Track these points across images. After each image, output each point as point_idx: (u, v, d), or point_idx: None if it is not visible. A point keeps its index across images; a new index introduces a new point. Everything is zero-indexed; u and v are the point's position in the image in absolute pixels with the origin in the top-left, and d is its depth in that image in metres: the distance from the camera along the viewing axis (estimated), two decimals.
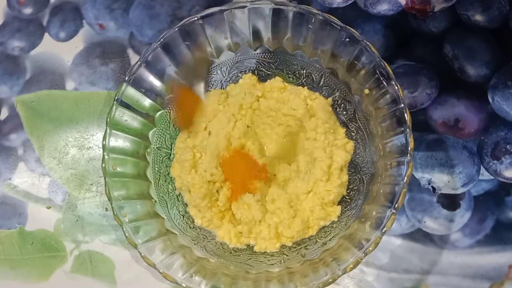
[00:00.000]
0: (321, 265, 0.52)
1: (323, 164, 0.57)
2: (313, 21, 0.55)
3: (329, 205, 0.57)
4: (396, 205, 0.51)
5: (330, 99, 0.59)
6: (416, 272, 0.58)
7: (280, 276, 0.53)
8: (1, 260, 0.61)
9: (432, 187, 0.60)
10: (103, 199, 0.62)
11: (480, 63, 0.61)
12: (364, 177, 0.57)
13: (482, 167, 0.60)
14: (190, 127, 0.57)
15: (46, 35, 0.67)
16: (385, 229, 0.50)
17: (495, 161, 0.59)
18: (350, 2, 0.64)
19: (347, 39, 0.54)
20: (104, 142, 0.55)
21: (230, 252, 0.57)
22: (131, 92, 0.56)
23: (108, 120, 0.55)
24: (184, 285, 0.52)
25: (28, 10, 0.67)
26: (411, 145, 0.52)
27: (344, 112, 0.59)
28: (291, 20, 0.56)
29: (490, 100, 0.60)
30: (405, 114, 0.52)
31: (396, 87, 0.53)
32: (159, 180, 0.58)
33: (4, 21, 0.67)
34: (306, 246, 0.56)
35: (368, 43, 0.54)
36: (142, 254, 0.52)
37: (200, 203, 0.57)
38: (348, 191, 0.57)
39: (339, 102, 0.59)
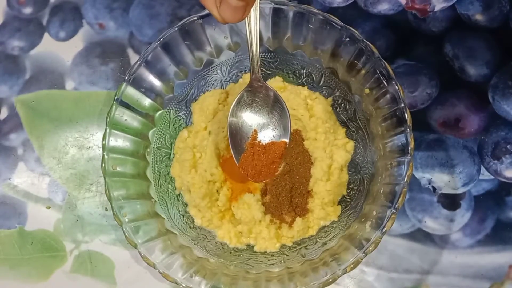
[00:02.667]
0: (321, 265, 0.52)
1: (323, 163, 0.57)
2: (313, 20, 0.55)
3: (329, 205, 0.57)
4: (397, 205, 0.51)
5: (330, 98, 0.59)
6: (417, 272, 0.58)
7: (280, 276, 0.53)
8: (1, 260, 0.61)
9: (433, 187, 0.60)
10: (103, 199, 0.62)
11: (480, 63, 0.61)
12: (364, 177, 0.57)
13: (482, 167, 0.60)
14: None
15: (46, 34, 0.67)
16: (385, 229, 0.50)
17: (496, 161, 0.59)
18: (350, 1, 0.63)
19: (347, 39, 0.54)
20: (103, 142, 0.55)
21: (230, 252, 0.57)
22: (130, 91, 0.56)
23: (107, 119, 0.55)
24: (184, 285, 0.52)
25: (28, 10, 0.67)
26: (411, 145, 0.52)
27: (344, 112, 0.58)
28: (291, 19, 0.56)
29: (490, 99, 0.60)
30: (406, 114, 0.52)
31: (397, 87, 0.53)
32: (159, 180, 0.58)
33: (4, 21, 0.67)
34: (306, 246, 0.56)
35: (368, 42, 0.54)
36: (142, 254, 0.52)
37: (200, 203, 0.57)
38: (348, 191, 0.57)
39: (339, 102, 0.59)
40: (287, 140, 0.54)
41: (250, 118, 0.55)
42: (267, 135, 0.55)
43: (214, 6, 0.40)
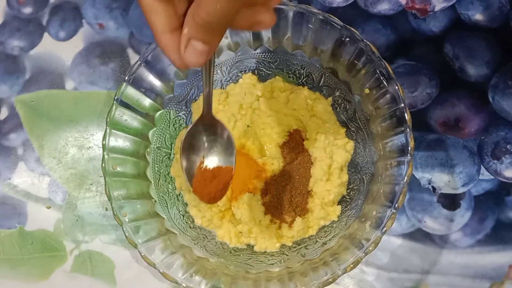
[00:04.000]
0: (321, 265, 0.52)
1: (323, 163, 0.57)
2: (313, 20, 0.55)
3: (329, 204, 0.57)
4: (396, 205, 0.51)
5: (330, 98, 0.59)
6: (417, 272, 0.58)
7: (280, 276, 0.53)
8: (1, 260, 0.61)
9: (432, 186, 0.60)
10: (103, 198, 0.62)
11: (480, 63, 0.61)
12: (364, 177, 0.57)
13: (482, 166, 0.60)
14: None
15: (46, 34, 0.67)
16: (385, 228, 0.50)
17: (495, 161, 0.59)
18: (350, 1, 0.63)
19: (347, 39, 0.54)
20: (104, 142, 0.55)
21: (230, 252, 0.57)
22: (131, 91, 0.56)
23: (108, 119, 0.55)
24: (184, 284, 0.52)
25: (27, 10, 0.67)
26: (411, 144, 0.52)
27: (344, 112, 0.58)
28: (291, 19, 0.56)
29: (490, 99, 0.60)
30: (405, 114, 0.52)
31: (396, 87, 0.53)
32: (159, 180, 0.58)
33: (3, 21, 0.67)
34: (306, 245, 0.56)
35: (368, 42, 0.54)
36: (142, 254, 0.52)
37: (200, 203, 0.57)
38: (348, 191, 0.57)
39: (339, 102, 0.59)
40: (233, 166, 0.53)
41: (199, 146, 0.54)
42: (213, 161, 0.54)
43: (176, 52, 0.41)
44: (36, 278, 0.61)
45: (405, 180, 0.51)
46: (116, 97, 0.55)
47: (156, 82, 0.57)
